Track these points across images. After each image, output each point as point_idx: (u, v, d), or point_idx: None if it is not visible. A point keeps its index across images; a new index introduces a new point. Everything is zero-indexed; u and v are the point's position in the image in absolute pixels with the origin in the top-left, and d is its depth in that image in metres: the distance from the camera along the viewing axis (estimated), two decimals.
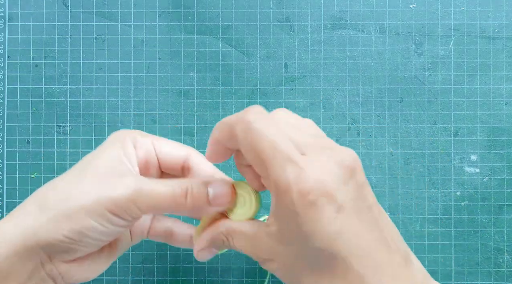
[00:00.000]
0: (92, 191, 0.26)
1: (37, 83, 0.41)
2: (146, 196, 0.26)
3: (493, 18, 0.40)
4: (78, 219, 0.25)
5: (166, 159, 0.30)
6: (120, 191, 0.26)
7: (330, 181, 0.23)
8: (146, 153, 0.29)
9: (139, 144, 0.29)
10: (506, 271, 0.39)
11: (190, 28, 0.41)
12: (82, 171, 0.27)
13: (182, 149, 0.30)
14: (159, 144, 0.30)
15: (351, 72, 0.41)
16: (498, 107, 0.40)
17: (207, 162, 0.30)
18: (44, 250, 0.26)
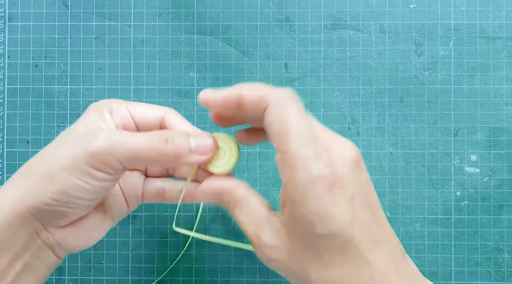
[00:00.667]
0: (70, 149, 0.26)
1: (37, 83, 0.41)
2: (123, 145, 0.26)
3: (493, 18, 0.40)
4: (60, 178, 0.25)
5: (142, 121, 0.30)
6: (96, 143, 0.26)
7: (344, 169, 0.24)
8: (122, 119, 0.29)
9: (114, 110, 0.29)
10: (506, 271, 0.39)
11: (190, 28, 0.41)
12: (62, 139, 0.28)
13: (157, 110, 0.30)
14: (134, 108, 0.30)
15: (351, 72, 0.41)
16: (498, 107, 0.40)
17: (184, 121, 0.30)
18: (34, 216, 0.26)
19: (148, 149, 0.26)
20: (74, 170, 0.26)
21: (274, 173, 0.40)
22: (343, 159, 0.24)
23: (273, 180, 0.40)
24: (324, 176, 0.23)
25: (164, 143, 0.26)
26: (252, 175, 0.41)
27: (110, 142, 0.26)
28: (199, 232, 0.40)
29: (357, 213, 0.24)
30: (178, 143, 0.27)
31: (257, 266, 0.40)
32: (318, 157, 0.24)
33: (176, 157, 0.27)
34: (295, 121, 0.24)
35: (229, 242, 0.33)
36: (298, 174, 0.24)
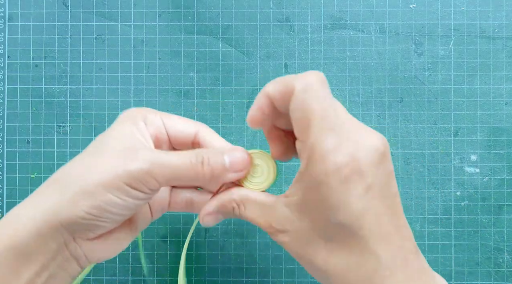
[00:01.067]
0: (109, 166, 0.26)
1: (37, 83, 0.41)
2: (162, 167, 0.26)
3: (493, 18, 0.40)
4: (97, 194, 0.25)
5: (176, 135, 0.30)
6: (137, 164, 0.26)
7: (365, 160, 0.24)
8: (156, 130, 0.29)
9: (149, 121, 0.29)
10: (506, 271, 0.39)
11: (190, 28, 0.41)
12: (97, 149, 0.27)
13: (192, 124, 0.30)
14: (169, 120, 0.30)
15: (351, 72, 0.41)
16: (498, 107, 0.40)
17: (218, 138, 0.30)
18: (66, 228, 0.26)
19: (186, 170, 0.26)
20: (112, 187, 0.25)
21: None
22: (366, 150, 0.24)
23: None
24: (340, 167, 0.23)
25: (201, 164, 0.27)
26: None
27: (151, 163, 0.26)
28: (199, 232, 0.40)
29: (370, 206, 0.24)
30: (214, 163, 0.27)
31: (257, 266, 0.40)
32: (337, 148, 0.23)
33: (212, 177, 0.27)
34: (318, 109, 0.24)
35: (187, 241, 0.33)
36: (314, 165, 0.24)
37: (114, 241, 0.29)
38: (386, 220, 0.24)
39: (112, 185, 0.25)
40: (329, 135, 0.23)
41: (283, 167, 0.41)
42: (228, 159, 0.27)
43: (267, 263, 0.40)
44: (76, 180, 0.26)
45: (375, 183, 0.24)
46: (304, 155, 0.24)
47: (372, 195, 0.24)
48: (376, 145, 0.24)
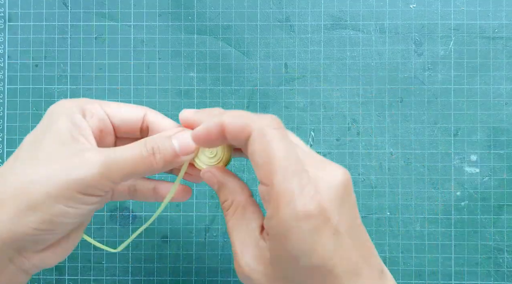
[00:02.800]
0: (54, 174, 0.23)
1: (37, 83, 0.41)
2: (115, 167, 0.24)
3: (493, 18, 0.40)
4: (45, 207, 0.23)
5: (123, 123, 0.28)
6: (88, 169, 0.24)
7: (329, 201, 0.23)
8: (99, 121, 0.27)
9: (88, 112, 0.27)
10: (506, 271, 0.39)
11: (190, 28, 0.41)
12: (32, 155, 0.25)
13: (137, 109, 0.29)
14: (111, 108, 0.28)
15: (351, 72, 0.41)
16: (498, 107, 0.40)
17: (165, 118, 0.29)
18: (10, 246, 0.24)
19: (140, 164, 0.25)
20: (63, 198, 0.24)
21: None
22: (330, 188, 0.24)
23: None
24: (308, 212, 0.23)
25: (152, 155, 0.25)
26: (252, 175, 0.41)
27: (103, 165, 0.24)
28: (199, 232, 0.40)
29: (339, 244, 0.24)
30: (164, 150, 0.26)
31: None
32: (303, 191, 0.23)
33: (165, 164, 0.26)
34: (279, 153, 0.23)
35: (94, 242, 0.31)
36: (283, 211, 0.23)
37: (62, 247, 0.27)
38: (355, 253, 0.24)
39: (62, 194, 0.23)
40: (293, 180, 0.23)
41: None
42: (177, 142, 0.26)
43: None
44: (16, 193, 0.23)
45: (341, 219, 0.24)
46: (270, 200, 0.24)
47: (340, 233, 0.24)
48: (338, 180, 0.24)
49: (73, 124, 0.26)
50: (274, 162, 0.23)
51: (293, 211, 0.23)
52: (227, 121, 0.25)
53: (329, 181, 0.24)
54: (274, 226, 0.24)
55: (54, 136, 0.25)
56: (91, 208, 0.25)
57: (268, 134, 0.24)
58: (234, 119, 0.25)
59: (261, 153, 0.24)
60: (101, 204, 0.29)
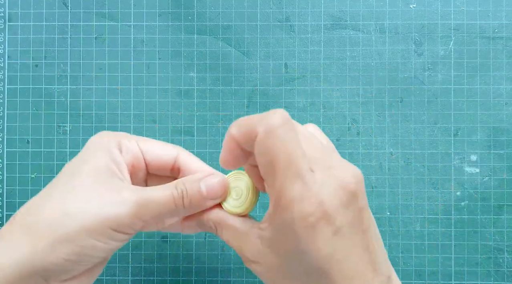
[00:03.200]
0: (89, 209, 0.24)
1: (37, 83, 0.41)
2: (148, 207, 0.25)
3: (493, 18, 0.40)
4: (78, 240, 0.24)
5: (155, 161, 0.29)
6: (123, 208, 0.25)
7: (332, 205, 0.23)
8: (133, 157, 0.28)
9: (124, 148, 0.28)
10: (506, 271, 0.39)
11: (190, 28, 0.41)
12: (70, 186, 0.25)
13: (170, 149, 0.29)
14: (146, 145, 0.29)
15: (351, 72, 0.41)
16: (498, 107, 0.40)
17: (197, 160, 0.29)
18: (40, 275, 0.25)
19: (169, 206, 0.26)
20: (95, 233, 0.24)
21: None
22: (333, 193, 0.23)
23: None
24: (306, 216, 0.23)
25: (181, 198, 0.26)
26: None
27: (137, 204, 0.25)
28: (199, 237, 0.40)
29: (339, 247, 0.23)
30: (191, 193, 0.26)
31: None
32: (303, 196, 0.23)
33: (192, 207, 0.27)
34: (282, 154, 0.23)
35: None
36: (281, 212, 0.23)
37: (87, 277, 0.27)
38: (356, 259, 0.24)
39: (96, 230, 0.24)
40: (294, 183, 0.23)
41: None
42: (205, 186, 0.27)
43: None
44: (51, 224, 0.24)
45: (343, 224, 0.23)
46: (272, 199, 0.24)
47: (341, 236, 0.23)
48: (346, 184, 0.24)
49: (112, 160, 0.26)
50: (276, 164, 0.23)
51: (291, 214, 0.23)
52: (234, 132, 0.25)
53: (335, 184, 0.24)
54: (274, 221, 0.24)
55: (93, 170, 0.26)
56: (119, 245, 0.26)
57: (272, 135, 0.23)
58: (239, 127, 0.25)
59: (264, 155, 0.24)
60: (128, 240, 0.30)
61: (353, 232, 0.24)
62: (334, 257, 0.23)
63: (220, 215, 0.27)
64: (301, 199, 0.23)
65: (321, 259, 0.23)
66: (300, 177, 0.23)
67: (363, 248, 0.24)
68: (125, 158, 0.27)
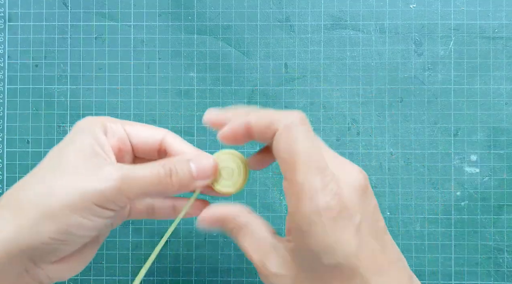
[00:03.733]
0: (73, 185, 0.24)
1: (37, 83, 0.41)
2: (132, 183, 0.25)
3: (493, 18, 0.40)
4: (62, 217, 0.24)
5: (141, 144, 0.29)
6: (106, 182, 0.25)
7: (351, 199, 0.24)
8: (118, 140, 0.28)
9: (110, 130, 0.28)
10: (506, 271, 0.39)
11: (190, 28, 0.41)
12: (55, 166, 0.25)
13: (157, 132, 0.29)
14: (132, 128, 0.29)
15: (351, 72, 0.41)
16: (498, 107, 0.40)
17: (184, 142, 0.29)
18: (27, 255, 0.24)
19: (156, 183, 0.26)
20: (79, 209, 0.24)
21: (274, 173, 0.40)
22: (351, 187, 0.24)
23: (273, 180, 0.40)
24: (331, 207, 0.23)
25: (169, 176, 0.26)
26: (252, 175, 0.41)
27: (120, 180, 0.25)
28: (199, 232, 0.40)
29: (363, 243, 0.24)
30: (181, 172, 0.26)
31: None
32: (325, 188, 0.23)
33: (181, 187, 0.27)
34: (303, 150, 0.24)
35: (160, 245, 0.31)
36: (304, 205, 0.23)
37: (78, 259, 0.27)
38: (380, 255, 0.24)
39: (80, 206, 0.24)
40: (316, 176, 0.23)
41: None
42: (195, 166, 0.27)
43: None
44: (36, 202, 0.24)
45: (364, 219, 0.24)
46: (293, 195, 0.24)
47: (363, 231, 0.24)
48: (359, 181, 0.25)
49: (96, 140, 0.26)
50: (298, 158, 0.24)
51: (316, 206, 0.23)
52: (253, 120, 0.26)
53: (349, 180, 0.24)
54: (296, 222, 0.24)
55: (77, 150, 0.26)
56: (106, 222, 0.26)
57: (293, 131, 0.24)
58: (260, 118, 0.25)
59: (286, 149, 0.24)
60: (116, 220, 0.30)
61: (372, 229, 0.24)
62: (362, 252, 0.23)
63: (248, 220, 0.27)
64: (324, 190, 0.23)
65: (350, 253, 0.23)
66: (320, 170, 0.24)
67: (382, 246, 0.25)
68: (111, 141, 0.28)
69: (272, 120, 0.25)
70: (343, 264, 0.23)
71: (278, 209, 0.40)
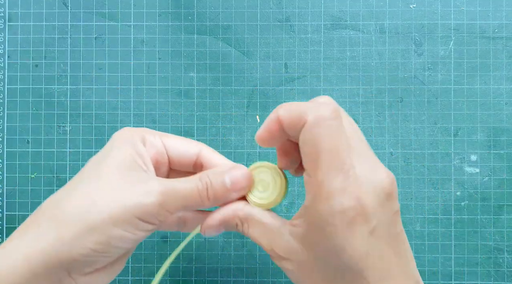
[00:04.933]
0: (115, 198, 0.24)
1: (37, 83, 0.41)
2: (173, 197, 0.25)
3: (493, 18, 0.40)
4: (105, 230, 0.24)
5: (178, 157, 0.29)
6: (148, 197, 0.25)
7: (370, 202, 0.23)
8: (156, 153, 0.28)
9: (148, 142, 0.28)
10: (506, 271, 0.39)
11: (190, 28, 0.41)
12: (96, 177, 0.25)
13: (193, 145, 0.29)
14: (169, 141, 0.29)
15: (351, 72, 0.41)
16: (498, 107, 0.40)
17: (219, 156, 0.30)
18: (65, 266, 0.24)
19: (193, 197, 0.26)
20: (122, 222, 0.24)
21: None
22: (372, 191, 0.23)
23: None
24: (346, 211, 0.23)
25: (206, 190, 0.26)
26: None
27: (163, 195, 0.25)
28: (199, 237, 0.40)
29: (374, 247, 0.23)
30: (215, 185, 0.26)
31: (257, 266, 0.40)
32: (344, 190, 0.23)
33: (216, 199, 0.27)
34: (329, 147, 0.23)
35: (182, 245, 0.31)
36: (320, 204, 0.23)
37: (108, 271, 0.27)
38: (390, 261, 0.24)
39: (122, 219, 0.24)
40: (337, 176, 0.23)
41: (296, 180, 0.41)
42: (229, 178, 0.27)
43: (267, 263, 0.40)
44: (79, 215, 0.24)
45: (379, 224, 0.24)
46: (311, 190, 0.24)
47: (376, 236, 0.24)
48: (384, 184, 0.24)
49: (136, 152, 0.27)
50: (321, 154, 0.23)
51: (331, 207, 0.23)
52: (282, 113, 0.25)
53: (374, 182, 0.24)
54: (311, 214, 0.24)
55: (118, 161, 0.26)
56: (144, 235, 0.26)
57: (320, 125, 0.24)
58: (289, 110, 0.25)
59: (311, 144, 0.24)
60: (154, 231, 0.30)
61: (387, 234, 0.24)
62: (369, 257, 0.23)
63: (248, 211, 0.27)
64: (342, 192, 0.23)
65: (356, 257, 0.23)
66: (343, 171, 0.23)
67: (395, 251, 0.24)
68: (149, 152, 0.28)
69: (301, 112, 0.24)
70: (348, 266, 0.23)
71: (278, 209, 0.40)
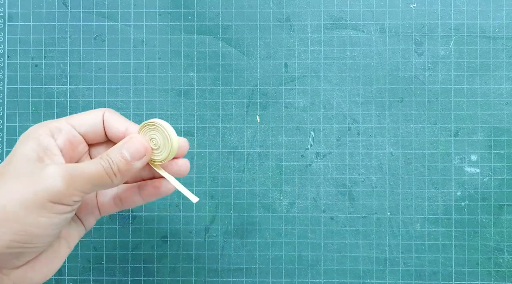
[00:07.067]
0: (23, 187, 0.25)
1: (37, 83, 0.41)
2: (81, 179, 0.26)
3: (493, 18, 0.40)
4: (20, 218, 0.24)
5: (87, 130, 0.30)
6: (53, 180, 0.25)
7: None
8: (66, 135, 0.29)
9: (55, 130, 0.28)
10: (506, 271, 0.39)
11: (190, 28, 0.41)
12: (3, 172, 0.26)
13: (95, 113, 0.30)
14: (74, 119, 0.29)
15: (351, 72, 0.41)
16: (498, 107, 0.40)
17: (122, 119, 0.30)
18: None
19: (100, 176, 0.27)
20: (34, 207, 0.25)
21: (274, 173, 0.40)
22: None
23: (273, 180, 0.40)
24: None
25: (110, 167, 0.27)
26: (252, 175, 0.40)
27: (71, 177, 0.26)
28: (199, 232, 0.40)
29: None
30: (116, 161, 0.27)
31: (257, 266, 0.40)
32: None
33: (123, 174, 0.27)
34: None
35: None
36: None
37: (44, 263, 0.27)
38: None
39: (35, 205, 0.25)
40: None
41: (296, 180, 0.40)
42: (127, 152, 0.28)
43: (267, 263, 0.40)
44: None
45: None
46: None
47: None
48: None
49: (39, 146, 0.27)
50: None
51: None
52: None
53: None
54: None
55: (22, 157, 0.27)
56: (62, 218, 0.26)
57: None
58: None
59: None
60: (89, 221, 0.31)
61: None
62: None
63: None
64: None
65: None
66: None
67: None
68: (58, 138, 0.28)
69: None
70: None
71: (278, 209, 0.40)
